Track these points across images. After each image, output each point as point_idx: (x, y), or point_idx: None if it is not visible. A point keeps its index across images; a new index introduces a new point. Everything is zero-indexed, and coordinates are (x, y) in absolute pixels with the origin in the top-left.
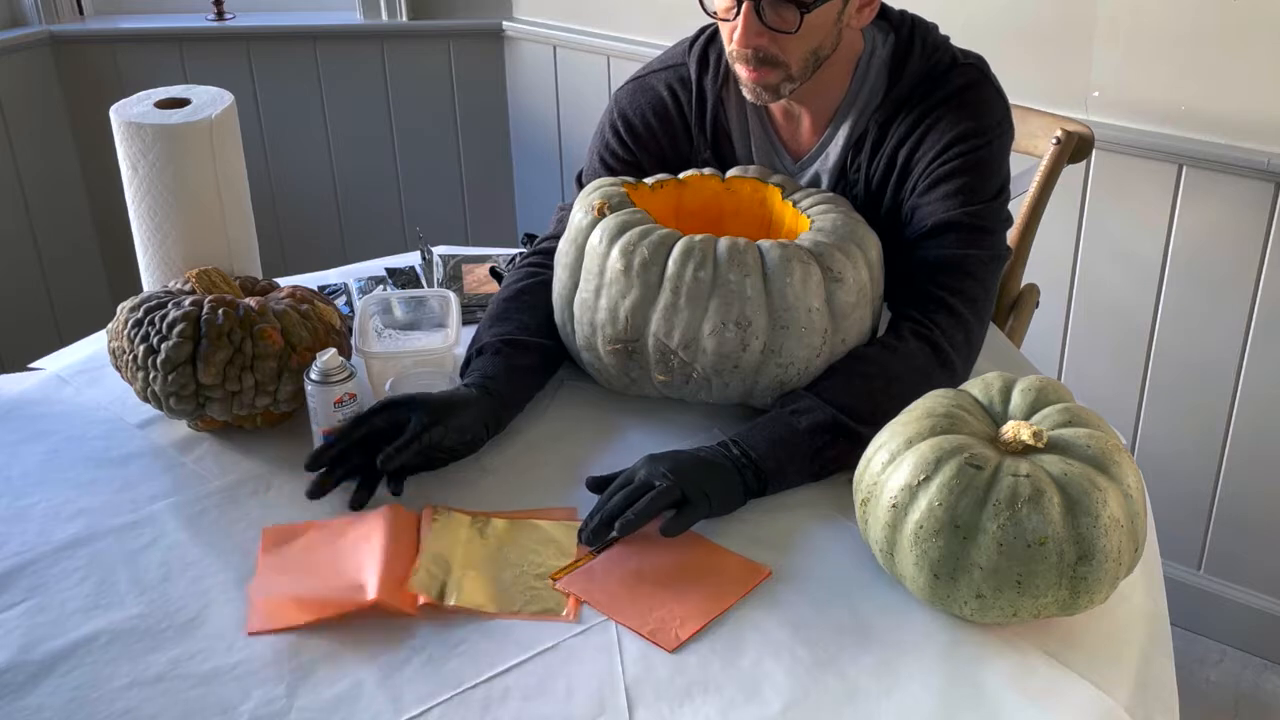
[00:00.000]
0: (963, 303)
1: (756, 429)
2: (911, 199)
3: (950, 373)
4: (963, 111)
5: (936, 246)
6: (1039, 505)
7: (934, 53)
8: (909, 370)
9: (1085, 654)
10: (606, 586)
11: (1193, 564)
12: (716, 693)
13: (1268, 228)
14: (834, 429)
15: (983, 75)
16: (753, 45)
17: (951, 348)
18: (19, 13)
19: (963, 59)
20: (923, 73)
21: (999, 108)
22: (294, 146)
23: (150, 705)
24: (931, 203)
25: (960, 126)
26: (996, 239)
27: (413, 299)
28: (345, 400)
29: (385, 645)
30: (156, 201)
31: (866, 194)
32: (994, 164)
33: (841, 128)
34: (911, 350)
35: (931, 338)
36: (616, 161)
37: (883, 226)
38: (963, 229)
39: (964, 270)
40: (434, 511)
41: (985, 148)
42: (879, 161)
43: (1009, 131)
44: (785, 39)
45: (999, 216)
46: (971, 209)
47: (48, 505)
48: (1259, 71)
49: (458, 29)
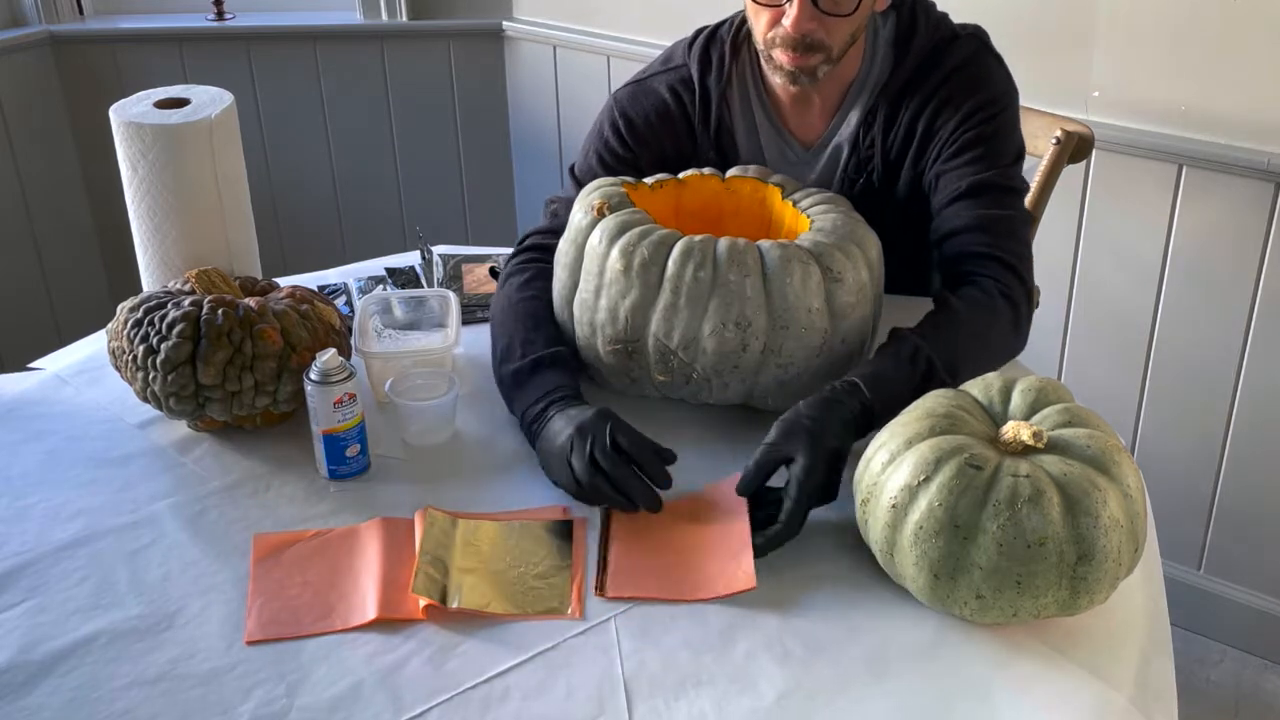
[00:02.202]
0: (1018, 261)
1: (885, 383)
2: (936, 166)
3: (1019, 332)
4: (975, 81)
5: (977, 206)
6: (1039, 505)
7: (936, 29)
8: (998, 328)
9: (1085, 654)
10: (647, 576)
11: (1193, 564)
12: (710, 685)
13: (1268, 228)
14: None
15: (983, 44)
16: (804, 30)
17: (1026, 305)
18: (19, 13)
19: (963, 31)
20: (928, 48)
21: (1003, 73)
22: (294, 146)
23: (150, 705)
24: (960, 166)
25: (977, 95)
26: (1021, 197)
27: (413, 299)
28: (345, 400)
29: (385, 645)
30: (156, 202)
31: (885, 166)
32: (1012, 126)
33: (854, 109)
34: (999, 307)
35: (1012, 296)
36: (615, 160)
37: (902, 197)
38: (997, 189)
39: (1010, 232)
40: (426, 514)
41: (1003, 113)
42: (896, 134)
43: (1017, 95)
44: (833, 22)
45: (1021, 177)
46: (1001, 169)
47: (48, 505)
48: (1258, 71)
49: (458, 29)
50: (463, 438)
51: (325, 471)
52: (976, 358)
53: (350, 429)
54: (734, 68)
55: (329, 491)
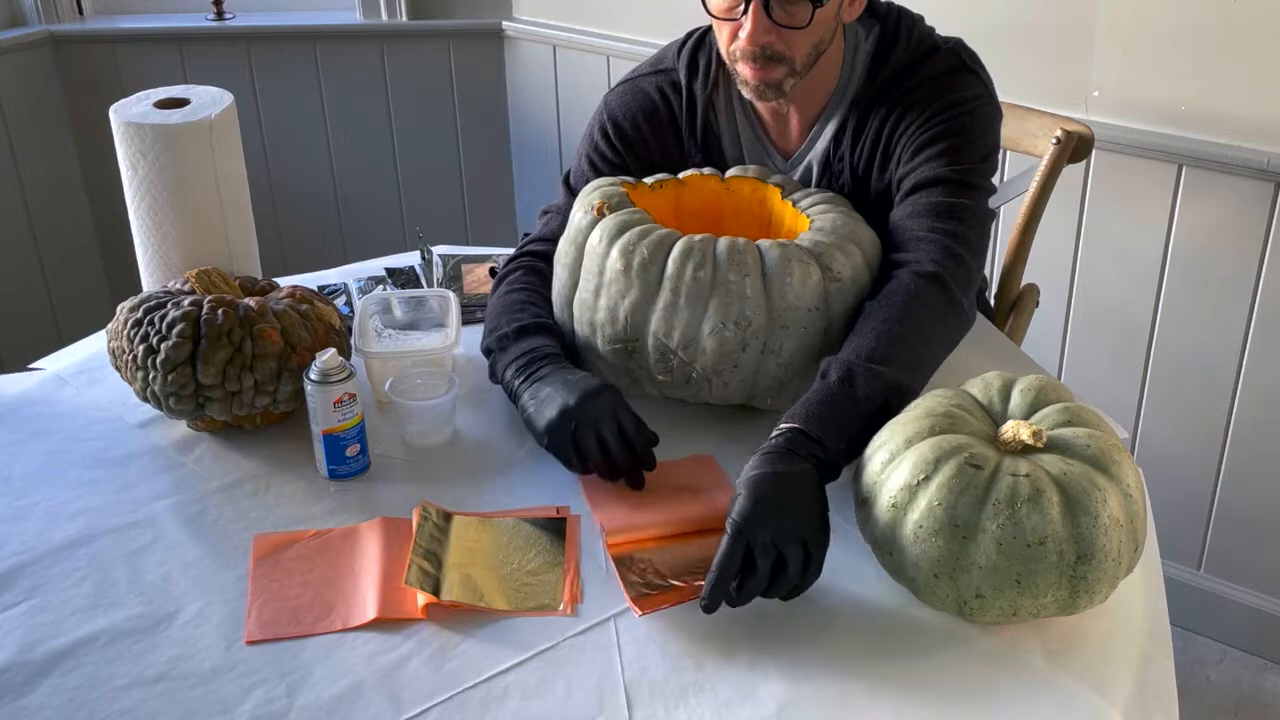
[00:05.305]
0: (958, 244)
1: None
2: (899, 170)
3: (959, 313)
4: (941, 88)
5: (925, 197)
6: (1038, 505)
7: (918, 43)
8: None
9: (1085, 653)
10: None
11: (1193, 564)
12: (712, 692)
13: (1268, 228)
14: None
15: (960, 60)
16: (761, 43)
17: (956, 286)
18: (19, 13)
19: (944, 44)
20: (906, 61)
21: (977, 85)
22: (294, 146)
23: (150, 705)
24: (918, 165)
25: (940, 99)
26: (983, 194)
27: (412, 299)
28: (345, 400)
29: (385, 645)
30: (156, 201)
31: (853, 180)
32: (976, 130)
33: (830, 122)
34: (920, 290)
35: (939, 277)
36: (605, 164)
37: (873, 210)
38: (949, 183)
39: (954, 215)
40: (421, 509)
41: (967, 115)
42: (863, 146)
43: (992, 106)
44: (792, 35)
45: (986, 177)
46: (957, 167)
47: (48, 505)
48: (1259, 71)
49: (458, 29)
50: (462, 438)
51: (325, 471)
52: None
53: (350, 429)
54: (720, 73)
55: (329, 491)
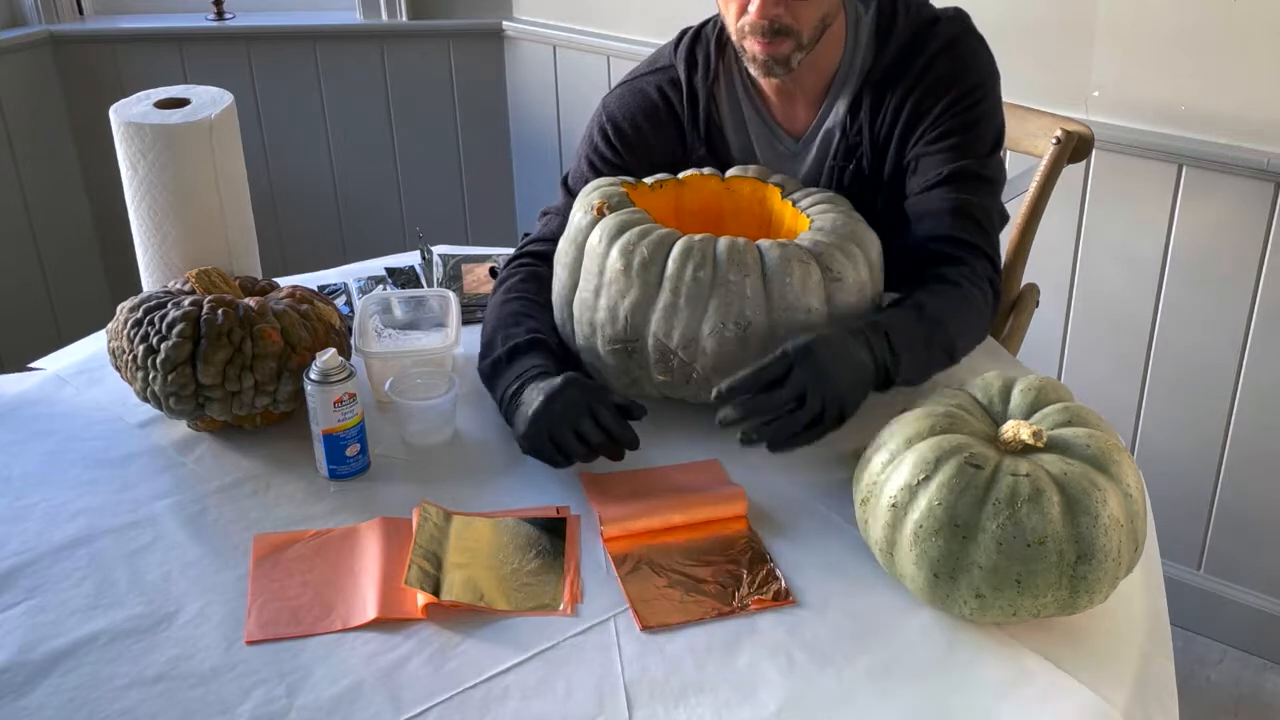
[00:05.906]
0: (994, 254)
1: (908, 356)
2: (918, 148)
3: (990, 319)
4: (958, 64)
5: (957, 192)
6: (1038, 505)
7: (917, 14)
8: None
9: (1085, 654)
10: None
11: (1193, 564)
12: (712, 693)
13: (1268, 228)
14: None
15: (965, 27)
16: (770, 15)
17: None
18: (19, 13)
19: (943, 14)
20: (909, 34)
21: (986, 55)
22: (294, 146)
23: (150, 705)
24: (941, 151)
25: (960, 81)
26: (999, 191)
27: (412, 299)
28: (345, 400)
29: (385, 645)
30: (156, 201)
31: (873, 151)
32: (992, 112)
33: (840, 98)
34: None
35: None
36: (605, 165)
37: (891, 182)
38: (975, 178)
39: (989, 223)
40: (421, 509)
41: (985, 100)
42: (883, 120)
43: (998, 77)
44: (799, 6)
45: (1000, 170)
46: (979, 159)
47: (48, 505)
48: (1259, 71)
49: (458, 29)
50: (462, 438)
51: (325, 471)
52: (970, 330)
53: (350, 429)
54: (720, 65)
55: (329, 491)
